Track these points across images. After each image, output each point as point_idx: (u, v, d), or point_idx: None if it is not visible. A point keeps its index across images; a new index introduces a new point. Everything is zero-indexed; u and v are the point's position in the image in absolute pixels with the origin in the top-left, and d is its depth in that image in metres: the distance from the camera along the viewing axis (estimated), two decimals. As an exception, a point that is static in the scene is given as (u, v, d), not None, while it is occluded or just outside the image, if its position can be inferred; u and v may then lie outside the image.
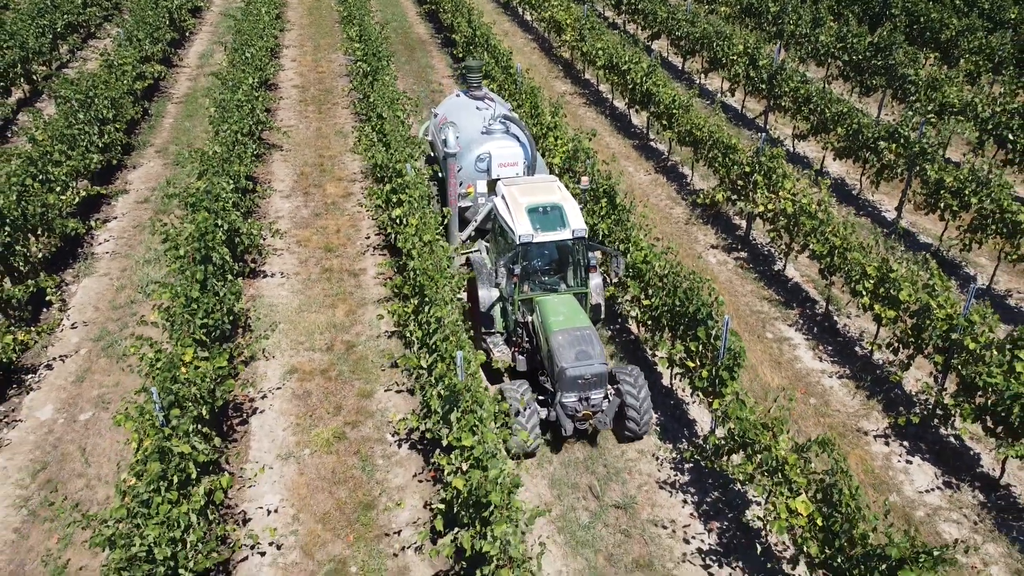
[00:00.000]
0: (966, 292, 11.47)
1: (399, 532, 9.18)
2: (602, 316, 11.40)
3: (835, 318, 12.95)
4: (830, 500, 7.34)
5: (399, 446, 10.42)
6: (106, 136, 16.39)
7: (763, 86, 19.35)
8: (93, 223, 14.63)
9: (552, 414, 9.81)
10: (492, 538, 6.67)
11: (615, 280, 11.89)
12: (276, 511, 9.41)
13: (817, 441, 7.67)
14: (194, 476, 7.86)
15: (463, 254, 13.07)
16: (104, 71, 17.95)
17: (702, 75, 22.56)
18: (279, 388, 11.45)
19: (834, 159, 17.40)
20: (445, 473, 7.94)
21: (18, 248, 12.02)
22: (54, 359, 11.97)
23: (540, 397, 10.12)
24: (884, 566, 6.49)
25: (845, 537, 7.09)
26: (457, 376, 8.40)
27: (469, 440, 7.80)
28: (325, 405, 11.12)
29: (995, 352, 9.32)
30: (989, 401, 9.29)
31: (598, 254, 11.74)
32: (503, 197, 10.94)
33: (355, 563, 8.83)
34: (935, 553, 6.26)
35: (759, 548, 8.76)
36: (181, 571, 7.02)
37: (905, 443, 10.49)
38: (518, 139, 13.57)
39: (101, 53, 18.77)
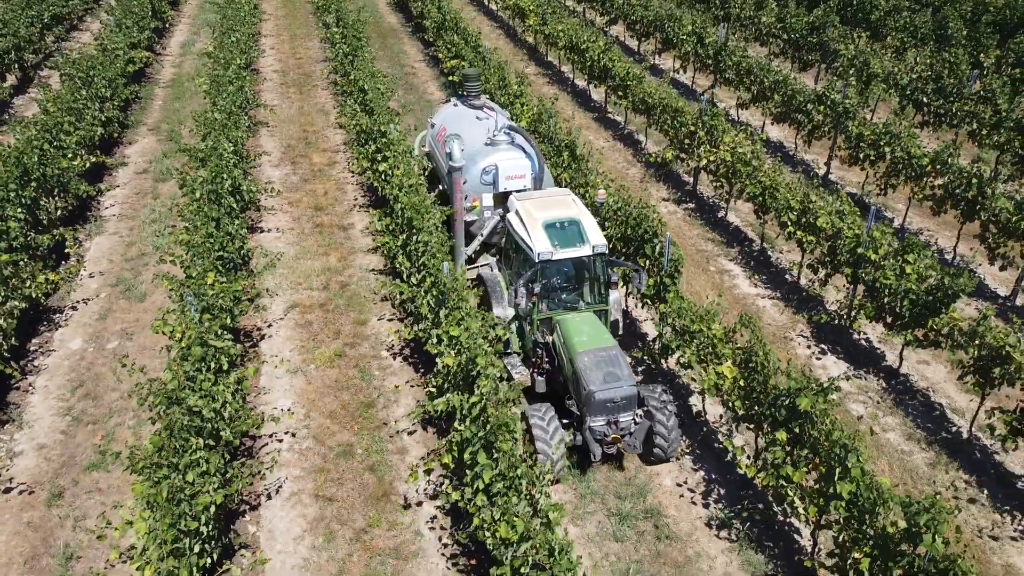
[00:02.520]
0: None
1: (396, 422, 10.80)
2: (619, 332, 10.94)
3: (769, 253, 14.82)
4: (749, 365, 9.11)
5: (393, 358, 12.04)
6: (105, 113, 17.72)
7: (709, 62, 21.24)
8: (102, 186, 15.98)
9: (578, 438, 9.45)
10: (478, 391, 8.30)
11: (638, 296, 11.53)
12: (290, 411, 10.96)
13: (740, 321, 9.45)
14: (225, 368, 9.40)
15: (471, 269, 12.76)
16: (99, 53, 19.25)
17: (656, 55, 24.44)
18: (283, 319, 12.98)
19: (772, 123, 19.33)
20: (434, 355, 9.57)
21: (43, 203, 13.37)
22: (77, 302, 13.35)
23: (564, 421, 9.70)
24: (787, 401, 8.27)
25: (760, 390, 8.86)
26: (445, 281, 10.03)
27: (456, 331, 9.42)
28: (325, 331, 12.68)
29: (891, 260, 11.21)
30: (886, 300, 11.17)
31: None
32: (517, 212, 10.60)
33: (360, 446, 10.43)
34: (824, 385, 8.06)
35: (695, 411, 10.52)
36: (222, 432, 8.56)
37: (824, 345, 12.36)
38: (524, 150, 12.82)
39: (95, 37, 20.05)
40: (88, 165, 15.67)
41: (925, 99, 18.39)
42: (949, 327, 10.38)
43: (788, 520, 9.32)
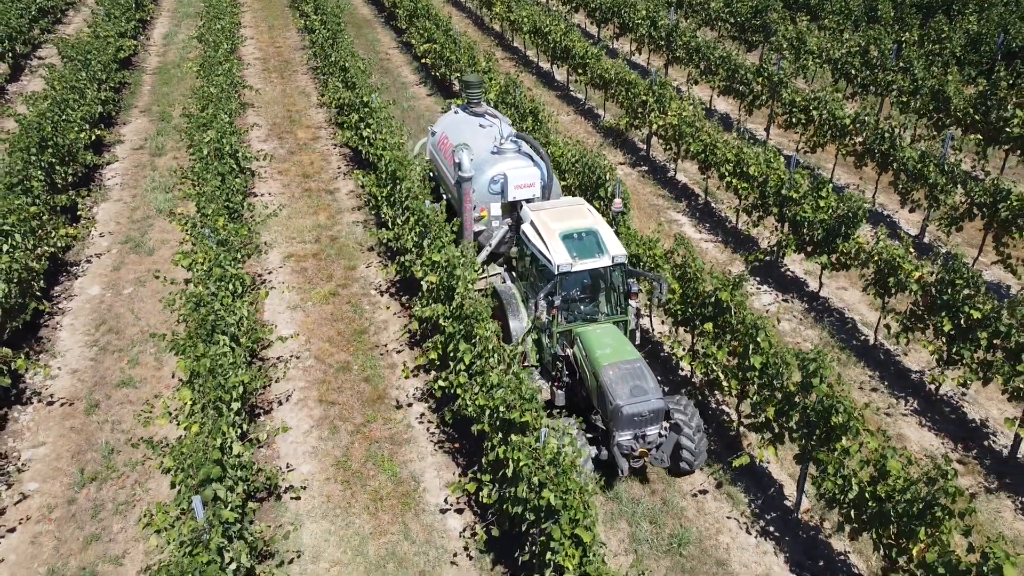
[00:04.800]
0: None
1: (387, 345, 12.43)
2: (636, 342, 10.50)
3: (712, 205, 16.67)
4: (686, 276, 10.88)
5: (381, 295, 13.65)
6: (102, 94, 19.08)
7: (662, 43, 23.10)
8: (107, 156, 17.37)
9: (604, 453, 9.36)
10: (458, 296, 9.95)
11: (659, 306, 11.46)
12: (292, 337, 12.51)
13: (676, 242, 11.23)
14: (240, 291, 10.95)
15: (480, 279, 12.32)
16: (93, 39, 20.58)
17: (614, 39, 26.27)
18: (281, 267, 14.52)
19: (719, 96, 21.22)
20: (420, 278, 11.21)
21: (58, 168, 14.77)
22: (91, 257, 14.76)
23: (589, 435, 9.51)
24: (712, 298, 10.06)
25: (693, 295, 10.63)
26: (427, 216, 11.68)
27: (438, 256, 11.07)
28: (319, 275, 14.25)
29: (808, 198, 13.07)
30: (805, 232, 13.03)
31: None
32: (532, 224, 10.43)
33: (356, 363, 12.04)
34: (736, 280, 9.86)
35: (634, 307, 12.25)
36: (241, 339, 10.11)
37: (757, 277, 14.21)
38: (532, 159, 12.55)
39: (88, 26, 21.34)
40: (93, 138, 17.04)
41: (854, 71, 20.41)
42: (855, 249, 12.25)
43: (720, 408, 11.11)
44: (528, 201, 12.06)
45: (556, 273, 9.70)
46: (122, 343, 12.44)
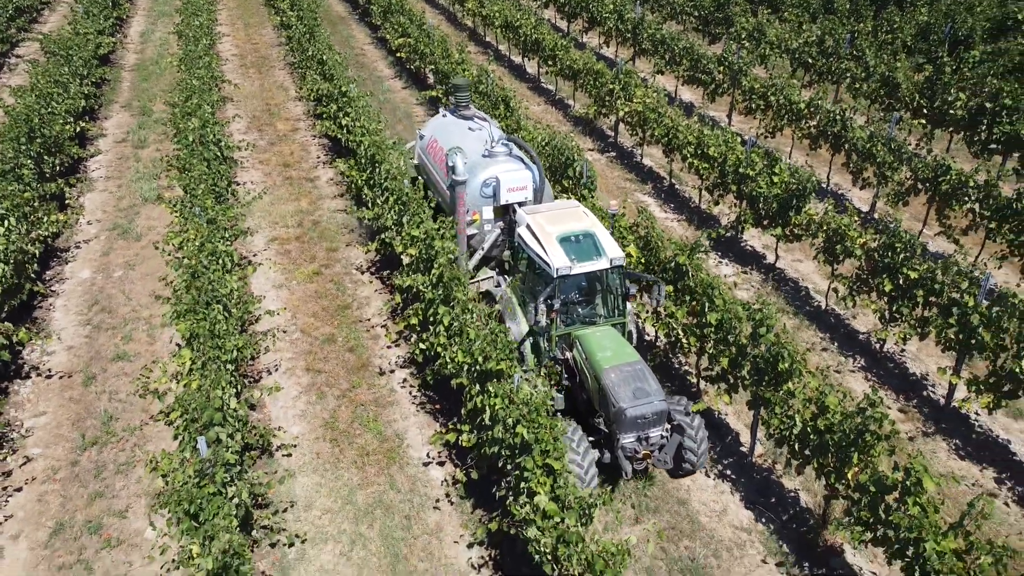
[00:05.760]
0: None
1: (369, 319, 13.11)
2: (634, 343, 10.59)
3: (676, 187, 17.54)
4: (648, 244, 11.69)
5: (362, 274, 14.33)
6: (84, 88, 19.53)
7: (629, 35, 23.98)
8: (91, 149, 17.84)
9: (607, 456, 9.35)
10: (437, 267, 10.67)
11: (657, 309, 11.38)
12: (278, 313, 13.14)
13: (639, 214, 12.03)
14: (230, 267, 11.58)
15: (473, 282, 12.36)
16: (74, 36, 20.99)
17: (583, 33, 27.11)
18: (265, 250, 15.13)
19: (683, 85, 22.13)
20: (400, 253, 11.91)
21: (46, 158, 15.26)
22: (80, 243, 15.27)
23: (591, 438, 9.53)
24: (672, 264, 10.88)
25: (655, 262, 11.45)
26: (405, 195, 12.38)
27: (417, 232, 11.78)
28: (303, 256, 14.89)
29: (763, 174, 13.97)
30: (761, 206, 13.92)
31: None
32: (528, 227, 10.43)
33: (340, 335, 12.71)
34: (693, 245, 10.69)
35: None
36: (232, 310, 10.75)
37: (719, 252, 15.08)
38: (523, 161, 12.47)
39: (70, 21, 21.75)
40: (77, 130, 17.51)
41: (811, 60, 21.42)
42: (806, 220, 13.15)
43: (683, 370, 11.94)
44: (520, 204, 12.00)
45: (555, 276, 9.68)
46: (115, 321, 13.00)
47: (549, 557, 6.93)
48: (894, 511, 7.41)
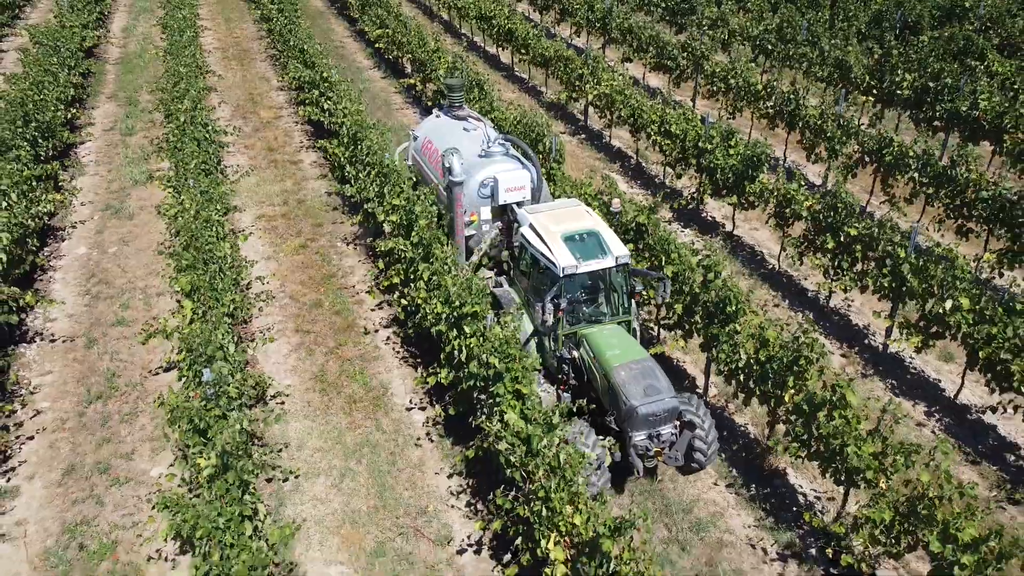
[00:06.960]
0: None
1: (354, 286, 13.99)
2: (638, 340, 10.45)
3: (643, 165, 18.56)
4: (614, 219, 12.66)
5: (347, 245, 15.19)
6: (72, 78, 20.20)
7: (599, 25, 25.00)
8: (81, 136, 18.55)
9: (617, 454, 9.27)
10: (417, 230, 11.56)
11: (662, 305, 11.53)
12: (270, 277, 13.96)
13: (603, 181, 13.01)
14: (223, 236, 12.40)
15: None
16: (59, 29, 21.64)
17: (555, 25, 28.10)
18: (253, 226, 15.94)
19: (650, 72, 23.18)
20: (382, 221, 12.79)
21: (41, 142, 15.96)
22: (75, 223, 15.99)
23: (601, 437, 9.38)
24: (633, 224, 11.86)
25: (618, 225, 12.42)
26: (386, 167, 13.27)
27: (397, 200, 12.66)
28: (289, 231, 15.72)
29: (720, 148, 15.00)
30: (718, 177, 14.96)
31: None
32: (531, 227, 10.42)
33: (327, 301, 13.57)
34: (652, 205, 11.67)
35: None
36: (227, 272, 11.57)
37: (681, 222, 16.11)
38: (520, 161, 12.44)
39: (55, 15, 22.38)
40: (68, 117, 18.21)
41: (770, 46, 22.55)
42: (760, 189, 14.20)
43: (644, 323, 12.93)
44: (519, 204, 11.97)
45: (561, 276, 9.64)
46: (112, 291, 13.76)
47: (518, 466, 7.86)
48: (823, 424, 8.42)
